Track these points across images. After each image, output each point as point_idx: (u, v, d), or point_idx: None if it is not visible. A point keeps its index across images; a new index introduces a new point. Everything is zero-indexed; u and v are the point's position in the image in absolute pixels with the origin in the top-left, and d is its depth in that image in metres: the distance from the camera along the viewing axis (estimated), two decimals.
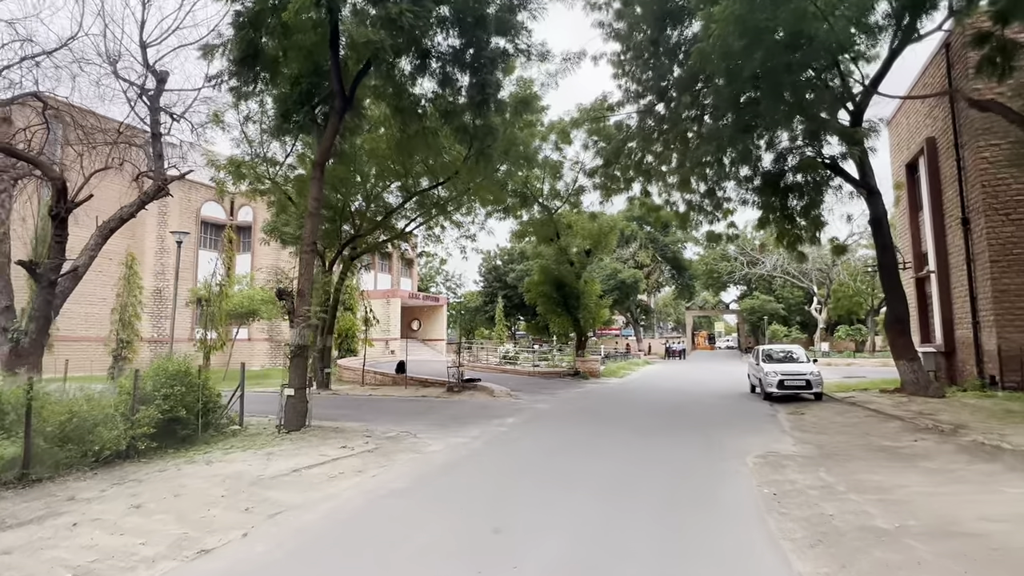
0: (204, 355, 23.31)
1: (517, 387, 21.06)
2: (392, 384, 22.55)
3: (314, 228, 10.74)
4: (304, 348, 10.63)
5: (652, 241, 56.71)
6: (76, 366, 30.57)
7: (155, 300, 35.07)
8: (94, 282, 32.88)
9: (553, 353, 30.96)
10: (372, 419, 13.41)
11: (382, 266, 50.45)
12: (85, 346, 31.11)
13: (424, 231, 24.91)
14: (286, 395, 10.57)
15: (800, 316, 62.54)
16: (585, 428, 12.00)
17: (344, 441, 9.99)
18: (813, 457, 8.57)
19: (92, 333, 31.29)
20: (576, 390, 20.81)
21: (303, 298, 10.53)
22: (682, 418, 13.56)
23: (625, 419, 13.36)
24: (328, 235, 20.44)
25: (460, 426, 12.13)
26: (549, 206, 26.85)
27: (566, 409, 15.54)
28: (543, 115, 21.53)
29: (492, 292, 61.41)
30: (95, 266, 33.37)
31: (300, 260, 10.76)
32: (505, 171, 22.88)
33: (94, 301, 32.35)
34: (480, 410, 14.94)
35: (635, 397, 18.63)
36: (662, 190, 22.03)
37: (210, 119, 16.24)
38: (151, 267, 34.99)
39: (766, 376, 16.84)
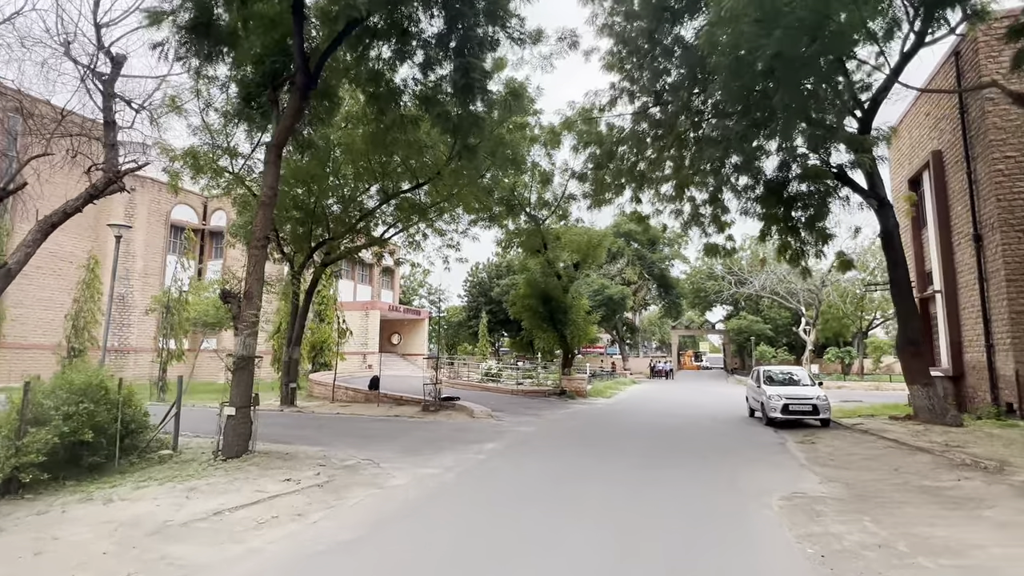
0: (162, 366, 21.46)
1: (499, 407, 19.54)
2: (364, 401, 20.89)
3: (266, 220, 9.28)
4: (248, 360, 9.09)
5: (640, 258, 55.78)
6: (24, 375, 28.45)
7: (118, 306, 33.03)
8: (51, 286, 30.89)
9: (538, 371, 29.49)
10: (333, 442, 11.82)
11: (362, 277, 48.75)
12: (37, 354, 28.99)
13: (404, 238, 23.41)
14: (225, 415, 8.99)
15: (787, 337, 61.85)
16: (576, 457, 10.53)
17: (290, 471, 8.42)
18: (848, 500, 7.20)
19: (47, 340, 29.16)
20: (563, 411, 19.34)
21: (250, 301, 9.03)
22: (683, 445, 12.15)
23: (620, 446, 11.92)
24: (297, 238, 18.91)
25: (432, 453, 10.60)
26: (537, 216, 25.60)
27: (553, 433, 14.07)
28: (533, 116, 20.37)
29: (476, 307, 59.86)
30: (53, 268, 31.45)
31: (248, 257, 9.29)
32: (491, 178, 21.68)
33: (50, 306, 30.30)
34: (457, 433, 13.41)
35: (627, 420, 17.21)
36: (654, 199, 20.84)
37: (166, 103, 14.75)
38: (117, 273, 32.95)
39: (769, 400, 15.55)
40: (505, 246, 26.96)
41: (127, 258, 33.33)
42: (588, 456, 10.56)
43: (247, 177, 16.70)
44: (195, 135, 14.94)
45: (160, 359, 21.37)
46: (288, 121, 9.73)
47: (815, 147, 15.68)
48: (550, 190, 25.55)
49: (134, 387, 9.04)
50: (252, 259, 9.20)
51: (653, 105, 18.13)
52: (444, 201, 20.28)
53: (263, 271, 9.30)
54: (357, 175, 17.99)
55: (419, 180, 17.93)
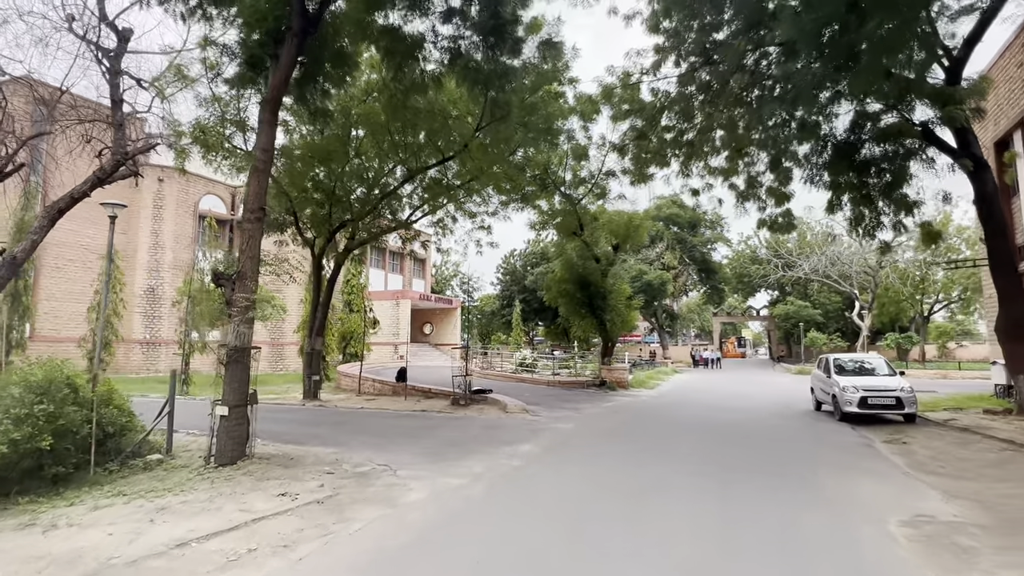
0: (184, 358, 20.74)
1: (534, 400, 18.07)
2: (392, 394, 19.72)
3: (260, 189, 7.98)
4: (243, 352, 7.83)
5: (680, 242, 53.31)
6: None
7: (149, 299, 32.85)
8: (82, 279, 30.75)
9: (575, 360, 27.89)
10: (349, 443, 10.56)
11: (393, 266, 47.88)
12: (68, 347, 28.89)
13: (432, 221, 22.05)
14: (217, 415, 7.76)
15: (837, 323, 58.50)
16: (625, 463, 8.97)
17: (289, 483, 7.12)
18: (996, 527, 5.46)
19: (78, 333, 29.06)
20: (604, 404, 17.74)
21: (243, 283, 7.77)
22: (750, 446, 10.44)
23: (675, 447, 10.30)
24: (317, 221, 17.73)
25: (459, 456, 9.20)
26: (572, 195, 23.87)
27: (595, 431, 12.51)
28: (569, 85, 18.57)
29: (509, 295, 58.49)
30: (84, 262, 31.28)
31: (241, 232, 8.00)
32: (523, 155, 20.09)
33: (81, 299, 30.16)
34: (488, 432, 11.99)
35: (677, 414, 15.50)
36: (703, 172, 18.90)
37: (171, 73, 13.67)
38: (145, 263, 32.79)
39: (843, 392, 13.63)
40: (539, 228, 25.29)
41: (156, 250, 33.07)
42: (639, 461, 8.97)
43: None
44: (203, 107, 13.82)
45: (182, 351, 20.64)
46: (284, 72, 8.38)
47: (896, 101, 13.57)
48: (586, 167, 23.79)
49: (114, 383, 7.90)
50: (245, 234, 7.93)
51: (702, 65, 16.21)
52: (473, 179, 18.80)
53: (259, 248, 8.01)
54: (379, 151, 16.63)
55: (444, 155, 16.47)
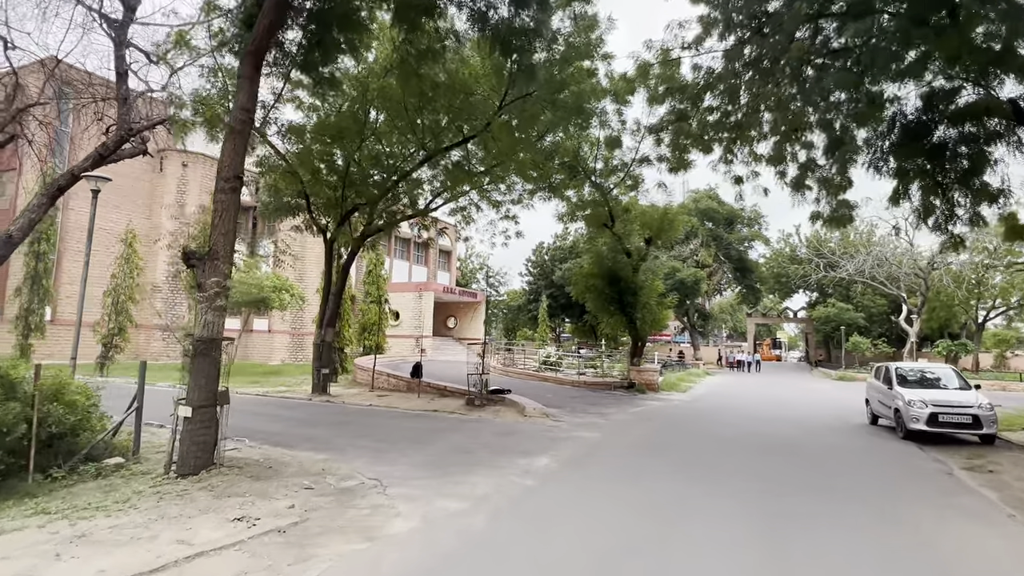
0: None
1: (557, 401, 16.73)
2: (406, 390, 18.63)
3: (236, 153, 6.82)
4: (212, 344, 6.70)
5: (715, 239, 51.06)
6: (60, 353, 28.10)
7: (172, 285, 32.55)
8: (105, 264, 30.54)
9: (602, 360, 26.41)
10: (345, 448, 9.42)
11: (418, 257, 46.99)
12: (90, 331, 28.68)
13: (454, 208, 20.85)
14: (180, 416, 6.66)
15: (881, 327, 55.49)
16: (661, 484, 7.58)
17: (255, 501, 5.96)
18: None
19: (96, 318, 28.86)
20: (633, 409, 16.29)
21: (214, 264, 6.65)
22: (808, 468, 8.92)
23: (719, 466, 8.86)
24: (329, 204, 16.68)
25: (464, 470, 7.95)
26: (603, 184, 22.37)
27: (624, 441, 11.12)
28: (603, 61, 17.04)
29: (536, 290, 57.12)
30: (107, 247, 31.03)
31: (212, 204, 6.87)
32: (551, 142, 18.77)
33: (103, 283, 29.99)
34: (501, 439, 10.71)
35: (716, 424, 13.97)
36: (748, 159, 17.22)
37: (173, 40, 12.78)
38: (167, 249, 32.46)
39: (908, 407, 11.93)
40: (567, 219, 23.81)
41: (179, 235, 32.72)
42: (678, 483, 7.57)
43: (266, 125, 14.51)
44: (204, 78, 12.86)
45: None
46: (269, 18, 7.20)
47: (978, 75, 11.77)
48: (618, 156, 22.25)
49: (66, 375, 6.87)
50: (218, 207, 6.79)
51: (752, 36, 14.57)
52: (497, 165, 17.51)
53: (234, 223, 6.87)
54: (394, 129, 15.45)
55: (465, 135, 15.22)
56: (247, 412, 13.58)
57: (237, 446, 9.28)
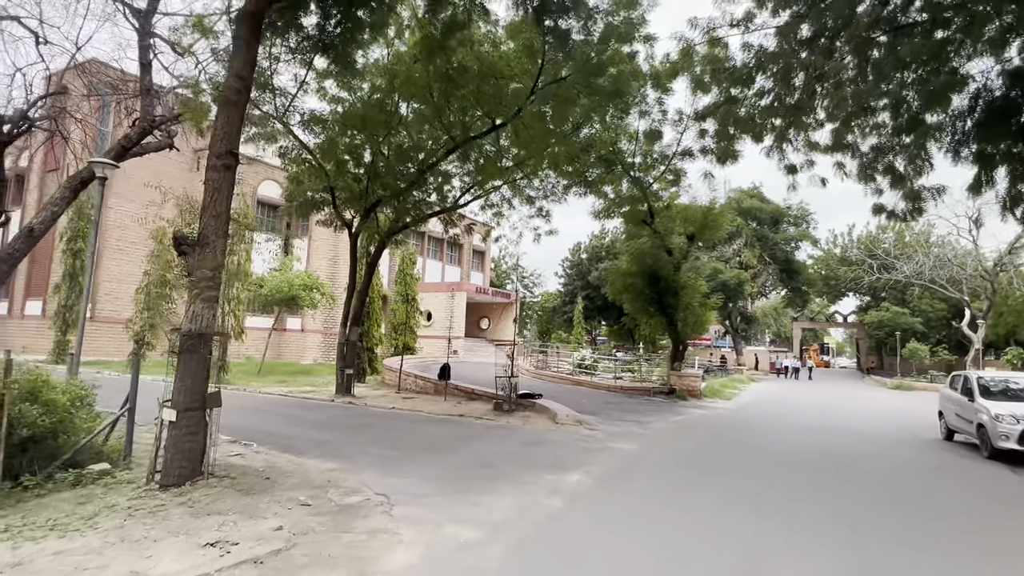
0: (221, 344, 19.70)
1: (591, 407, 15.65)
2: (433, 393, 17.85)
3: (231, 127, 6.07)
4: (201, 339, 5.95)
5: (760, 239, 48.84)
6: (110, 350, 28.45)
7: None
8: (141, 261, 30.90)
9: (640, 364, 25.13)
10: (356, 456, 8.62)
11: (451, 257, 46.44)
12: (121, 329, 29.00)
13: (484, 204, 20.01)
14: (165, 420, 5.94)
15: (940, 333, 52.10)
16: (714, 510, 6.49)
17: (238, 520, 5.17)
18: None
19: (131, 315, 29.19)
20: (674, 417, 15.07)
21: (205, 250, 5.91)
22: (887, 492, 7.63)
23: (780, 487, 7.68)
24: (353, 198, 16.04)
25: (484, 487, 7.02)
26: (642, 179, 21.14)
27: (667, 456, 9.99)
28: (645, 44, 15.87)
29: (572, 291, 55.88)
30: (145, 244, 31.30)
31: (204, 183, 6.14)
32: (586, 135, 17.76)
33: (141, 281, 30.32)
34: (529, 450, 9.75)
35: (768, 437, 12.66)
36: (803, 148, 15.81)
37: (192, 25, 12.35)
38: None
39: (996, 422, 10.42)
40: (603, 216, 22.61)
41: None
42: (733, 510, 6.45)
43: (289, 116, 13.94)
44: (222, 63, 12.32)
45: (221, 335, 19.64)
46: None
47: None
48: (658, 148, 20.98)
49: (42, 372, 6.24)
50: (208, 186, 6.07)
51: (808, 11, 13.24)
52: (530, 158, 16.57)
53: (227, 204, 6.13)
54: (421, 118, 14.68)
55: (494, 122, 14.33)
56: (265, 413, 13.01)
57: (242, 451, 8.61)
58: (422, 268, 40.94)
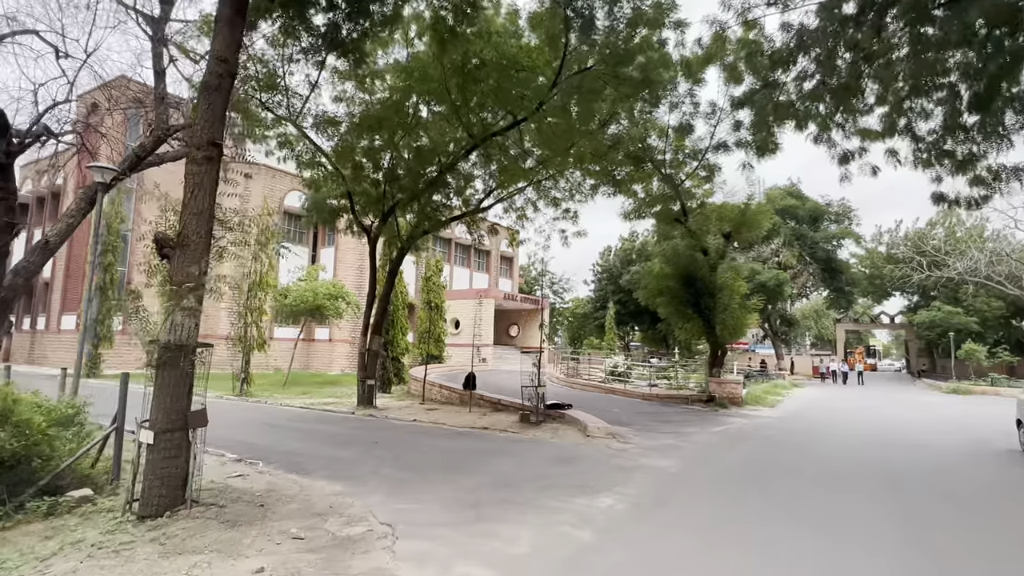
0: (244, 356, 19.41)
1: (625, 418, 14.67)
2: (458, 403, 17.12)
3: (215, 115, 5.41)
4: (181, 352, 5.31)
5: (798, 238, 46.86)
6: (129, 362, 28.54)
7: (235, 294, 32.80)
8: None
9: (676, 370, 23.96)
10: (368, 476, 7.90)
11: (478, 264, 45.88)
12: None
13: (507, 206, 19.26)
14: (143, 441, 5.31)
15: (997, 333, 49.00)
16: (773, 541, 5.52)
17: (213, 560, 4.46)
18: None
19: None
20: (716, 428, 13.96)
21: (186, 251, 5.28)
22: (979, 518, 6.53)
23: (843, 511, 6.64)
24: (370, 202, 15.49)
25: (502, 514, 6.20)
26: (673, 176, 20.08)
27: (712, 473, 8.99)
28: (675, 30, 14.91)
29: (603, 296, 54.75)
30: None
31: (185, 178, 5.50)
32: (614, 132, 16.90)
33: None
34: (557, 467, 8.87)
35: (823, 450, 11.47)
36: (850, 133, 14.62)
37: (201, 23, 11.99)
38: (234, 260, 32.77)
39: None
40: (633, 216, 21.58)
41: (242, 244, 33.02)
42: (803, 543, 5.46)
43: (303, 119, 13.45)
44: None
45: (242, 347, 19.33)
46: None
47: None
48: (690, 143, 19.91)
49: (11, 391, 5.68)
50: (190, 180, 5.45)
51: None
52: (555, 157, 15.75)
53: (210, 200, 5.50)
54: (437, 116, 14.05)
55: (515, 117, 13.59)
56: (281, 427, 12.45)
57: (247, 471, 7.99)
58: (449, 276, 40.47)
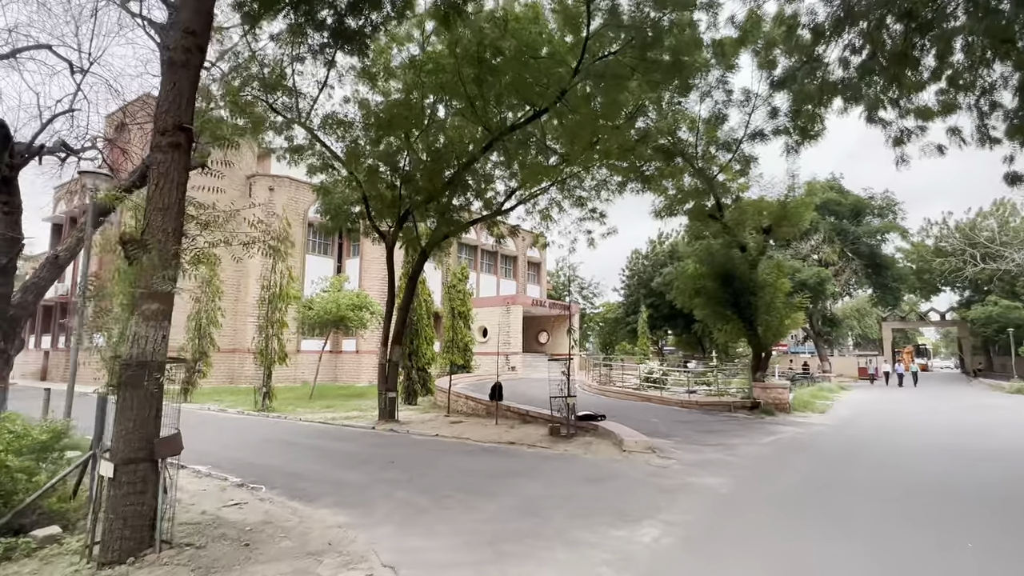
0: (265, 370, 18.91)
1: (664, 428, 13.56)
2: (485, 415, 16.23)
3: (180, 95, 4.65)
4: (144, 368, 4.53)
5: (839, 233, 44.71)
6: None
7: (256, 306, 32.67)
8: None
9: (716, 375, 22.61)
10: (377, 502, 7.06)
11: (505, 270, 45.05)
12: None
13: (530, 207, 18.36)
14: (103, 474, 4.56)
15: None
16: None
17: None
18: None
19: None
20: (766, 439, 12.73)
21: (150, 253, 4.54)
22: None
23: (948, 543, 5.51)
24: (385, 204, 14.78)
25: (525, 551, 5.27)
26: (705, 170, 18.89)
27: (772, 496, 7.86)
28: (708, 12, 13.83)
29: (635, 300, 53.22)
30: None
31: (150, 169, 4.78)
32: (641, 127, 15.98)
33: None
34: (590, 488, 7.88)
35: (893, 462, 10.18)
36: (904, 113, 13.32)
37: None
38: (258, 272, 32.70)
39: None
40: (665, 214, 20.41)
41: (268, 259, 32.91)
42: None
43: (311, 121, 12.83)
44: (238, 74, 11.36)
45: (263, 361, 18.84)
46: None
47: None
48: (723, 133, 18.71)
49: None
50: (154, 171, 4.73)
51: None
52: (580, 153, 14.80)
53: (178, 194, 4.72)
54: (452, 111, 13.29)
55: (535, 109, 12.73)
56: (295, 445, 11.75)
57: (246, 498, 7.25)
58: (475, 283, 39.74)
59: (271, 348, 18.98)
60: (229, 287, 33.27)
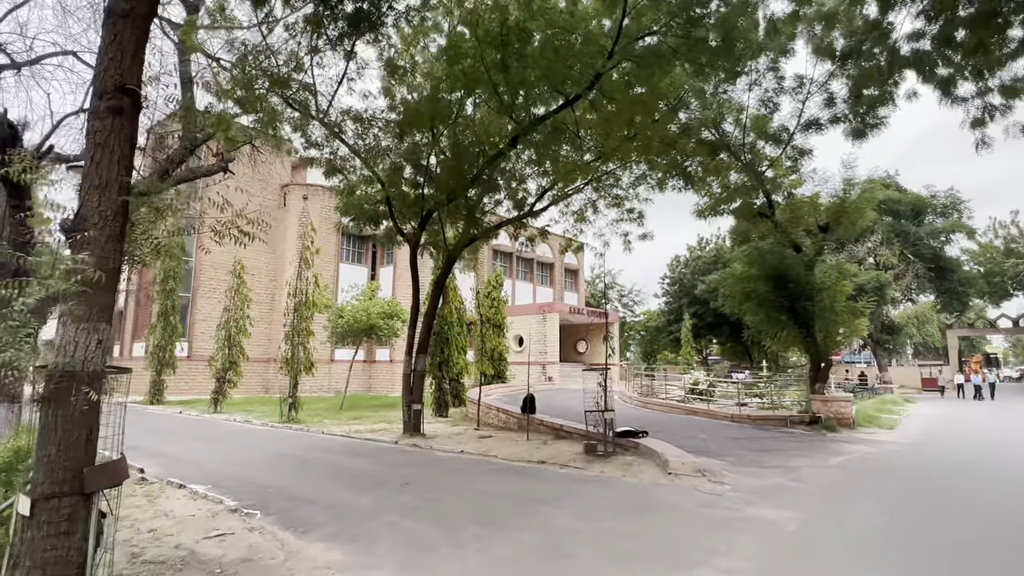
0: (292, 378, 18.35)
1: (714, 446, 12.17)
2: (516, 428, 15.15)
3: (122, 51, 3.85)
4: (71, 380, 3.68)
5: (899, 234, 41.85)
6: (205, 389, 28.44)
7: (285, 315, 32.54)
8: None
9: (769, 386, 20.89)
10: (381, 535, 6.08)
11: (542, 278, 43.91)
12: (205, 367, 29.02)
13: (563, 210, 17.27)
14: (19, 512, 3.72)
15: None
16: None
17: None
18: None
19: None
20: (833, 460, 11.19)
21: (84, 239, 3.73)
22: None
23: None
24: (407, 204, 13.96)
25: None
26: (755, 165, 17.42)
27: (853, 537, 6.50)
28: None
29: (677, 308, 51.24)
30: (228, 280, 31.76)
31: (87, 138, 3.96)
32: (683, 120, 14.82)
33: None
34: (630, 522, 6.70)
35: (990, 487, 8.60)
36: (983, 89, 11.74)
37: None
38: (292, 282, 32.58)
39: None
40: (709, 214, 18.94)
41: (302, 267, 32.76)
42: None
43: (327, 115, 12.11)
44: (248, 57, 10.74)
45: (289, 371, 18.30)
46: None
47: None
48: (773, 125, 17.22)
49: None
50: (90, 140, 3.91)
51: None
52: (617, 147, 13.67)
53: (121, 168, 3.86)
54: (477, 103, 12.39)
55: (567, 97, 11.69)
56: (310, 462, 10.93)
57: (234, 526, 6.39)
58: (511, 291, 38.78)
59: (297, 357, 18.42)
60: (264, 296, 33.29)
